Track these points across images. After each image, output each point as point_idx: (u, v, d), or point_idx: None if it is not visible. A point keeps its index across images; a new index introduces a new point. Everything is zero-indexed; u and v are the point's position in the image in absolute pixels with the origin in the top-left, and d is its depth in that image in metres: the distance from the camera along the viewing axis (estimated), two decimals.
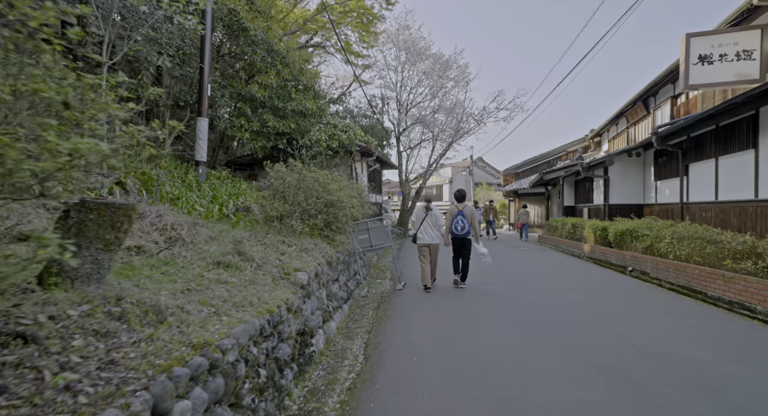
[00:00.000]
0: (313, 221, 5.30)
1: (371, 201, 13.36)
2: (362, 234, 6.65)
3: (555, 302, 5.50)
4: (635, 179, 11.03)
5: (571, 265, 9.40)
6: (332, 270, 5.02)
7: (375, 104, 16.30)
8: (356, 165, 11.42)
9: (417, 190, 18.37)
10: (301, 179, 5.49)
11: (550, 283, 6.92)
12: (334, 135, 9.72)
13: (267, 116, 9.55)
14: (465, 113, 16.91)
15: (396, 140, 17.84)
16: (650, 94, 14.80)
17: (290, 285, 3.65)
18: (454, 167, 42.24)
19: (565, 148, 23.84)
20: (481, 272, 8.02)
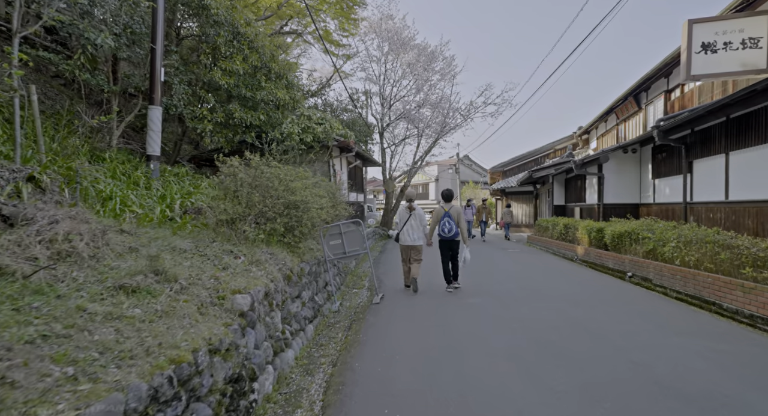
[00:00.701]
0: (272, 226, 4.43)
1: (351, 200, 12.50)
2: (334, 239, 5.79)
3: (553, 320, 4.74)
4: (631, 177, 10.43)
5: (565, 270, 8.71)
6: (292, 286, 4.16)
7: (357, 97, 15.42)
8: (334, 162, 10.56)
9: (401, 188, 17.57)
10: (257, 175, 4.61)
11: (545, 294, 6.18)
12: (309, 128, 8.83)
13: (233, 107, 8.59)
14: (451, 108, 16.16)
15: (379, 135, 17.00)
16: (642, 89, 14.29)
17: (224, 314, 2.78)
18: (441, 165, 41.63)
19: (553, 146, 23.36)
20: (469, 279, 7.26)
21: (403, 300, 5.92)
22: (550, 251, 12.06)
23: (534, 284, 6.84)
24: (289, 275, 4.08)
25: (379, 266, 9.34)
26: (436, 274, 7.29)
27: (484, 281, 7.25)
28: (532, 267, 8.96)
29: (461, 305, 5.52)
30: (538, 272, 8.22)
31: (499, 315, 4.97)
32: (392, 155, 18.35)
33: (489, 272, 8.10)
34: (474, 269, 8.41)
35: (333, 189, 7.17)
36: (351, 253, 5.83)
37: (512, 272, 8.23)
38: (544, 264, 9.45)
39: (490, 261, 9.80)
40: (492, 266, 9.10)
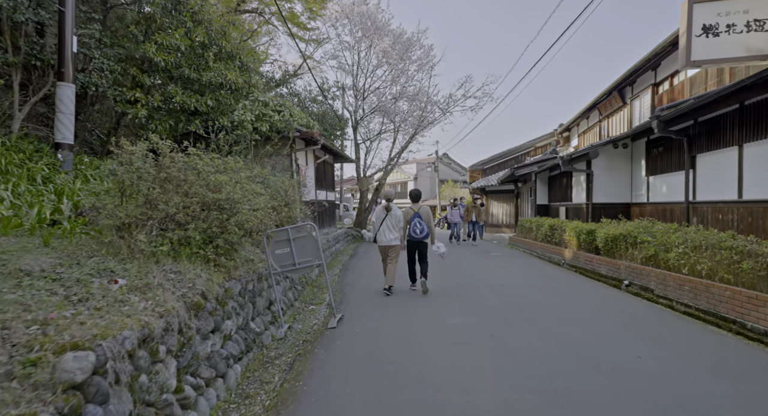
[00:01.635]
0: (182, 234, 3.26)
1: (319, 199, 11.33)
2: (281, 248, 4.65)
3: (553, 352, 3.74)
4: (622, 175, 9.67)
5: (554, 278, 7.81)
6: (204, 317, 3.01)
7: (327, 88, 14.22)
8: (298, 156, 9.39)
9: (377, 186, 16.50)
10: (165, 165, 3.42)
11: (537, 313, 5.19)
12: (264, 115, 7.63)
13: (173, 89, 7.32)
14: (429, 101, 15.17)
15: (352, 129, 15.86)
16: (627, 83, 13.65)
17: (31, 393, 1.62)
18: (419, 164, 40.80)
19: (533, 143, 22.74)
20: (451, 291, 6.23)
21: (368, 321, 4.83)
22: (534, 254, 11.22)
23: (524, 300, 5.85)
24: (199, 303, 2.92)
25: (347, 274, 8.23)
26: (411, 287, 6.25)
27: (467, 295, 6.23)
28: (518, 276, 8.02)
29: (442, 329, 4.47)
30: (526, 283, 7.27)
31: (488, 347, 3.93)
32: (367, 151, 17.25)
33: (471, 284, 7.10)
34: (455, 279, 7.42)
35: (286, 186, 6.02)
36: (303, 265, 4.70)
37: (497, 283, 7.25)
38: (531, 271, 8.53)
39: (472, 269, 8.83)
40: (474, 275, 8.12)
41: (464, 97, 15.30)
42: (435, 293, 6.18)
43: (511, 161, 23.34)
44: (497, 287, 6.68)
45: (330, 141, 13.55)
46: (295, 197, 5.90)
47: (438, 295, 6.09)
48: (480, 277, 7.66)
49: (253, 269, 4.38)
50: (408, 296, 6.10)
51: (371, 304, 5.63)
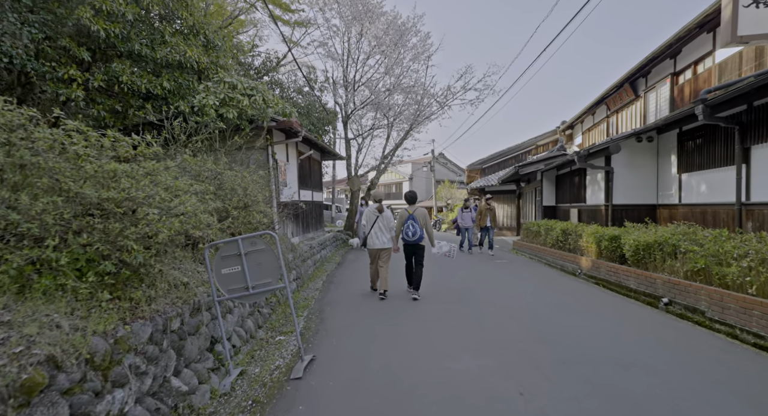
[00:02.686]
0: (34, 254, 2.01)
1: (303, 200, 10.07)
2: (229, 265, 3.39)
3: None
4: (646, 172, 8.51)
5: (575, 294, 6.61)
6: (49, 404, 1.75)
7: (314, 78, 12.95)
8: (276, 150, 8.15)
9: (369, 186, 15.28)
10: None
11: (572, 346, 3.97)
12: (231, 100, 6.37)
13: (119, 67, 6.05)
14: (426, 94, 13.97)
15: (343, 124, 14.62)
16: (641, 74, 12.56)
17: None
18: (414, 164, 39.64)
19: (534, 141, 21.66)
20: (454, 317, 4.99)
21: (349, 365, 3.58)
22: (543, 261, 10.04)
23: (549, 327, 4.61)
24: (32, 383, 1.67)
25: (330, 288, 6.97)
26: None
27: (478, 319, 5.01)
28: (533, 291, 6.81)
29: (449, 383, 3.23)
30: (544, 301, 6.06)
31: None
32: (359, 149, 16.02)
33: (481, 302, 5.88)
34: (460, 295, 6.20)
35: (245, 182, 4.75)
36: (259, 289, 3.44)
37: (511, 301, 6.03)
38: (546, 285, 7.33)
39: (479, 280, 7.61)
40: (482, 289, 6.90)
41: (464, 90, 14.12)
42: (438, 317, 4.96)
43: (511, 160, 22.23)
44: (512, 307, 5.46)
45: (318, 137, 12.30)
46: (256, 198, 4.63)
47: (442, 320, 4.86)
48: (490, 292, 6.44)
49: (185, 297, 3.12)
50: (404, 319, 4.87)
51: (356, 334, 4.39)
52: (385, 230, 6.02)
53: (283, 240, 6.67)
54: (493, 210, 11.19)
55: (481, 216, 11.00)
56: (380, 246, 5.99)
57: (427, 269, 6.35)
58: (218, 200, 4.03)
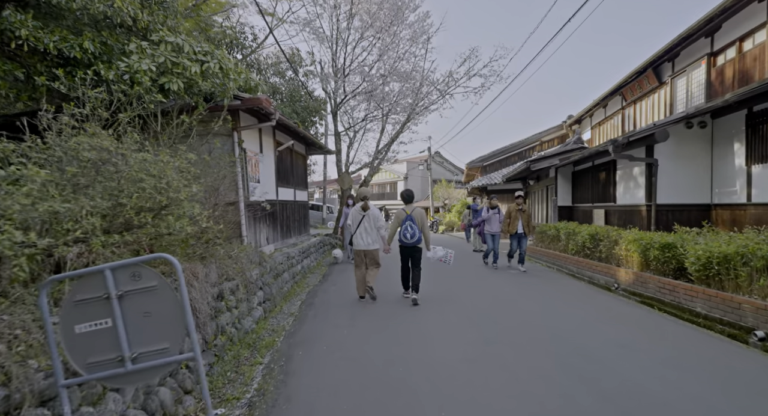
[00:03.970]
0: None
1: (282, 199, 8.49)
2: (89, 319, 1.80)
3: None
4: (698, 165, 7.04)
5: (629, 322, 5.06)
6: None
7: (298, 60, 11.31)
8: (245, 137, 6.56)
9: (361, 184, 13.73)
10: None
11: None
12: (176, 66, 4.77)
13: (14, 17, 4.43)
14: (425, 81, 12.43)
15: (332, 116, 13.04)
16: (667, 58, 11.13)
17: None
18: (410, 162, 38.15)
19: (539, 137, 20.27)
20: (485, 372, 3.41)
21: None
22: (564, 270, 8.54)
23: (636, 401, 3.09)
24: None
25: (307, 317, 5.35)
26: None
27: (516, 376, 3.46)
28: (576, 320, 5.27)
29: None
30: (599, 338, 4.53)
31: None
32: (350, 143, 14.44)
33: (514, 344, 4.34)
34: (480, 323, 4.65)
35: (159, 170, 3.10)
36: (146, 362, 1.86)
37: (552, 334, 4.49)
38: (585, 309, 5.80)
39: (496, 299, 6.07)
40: (504, 313, 5.36)
41: (468, 76, 12.58)
42: (461, 374, 3.40)
43: (514, 157, 20.82)
44: (558, 351, 3.90)
45: (298, 124, 10.72)
46: (178, 196, 3.02)
47: (466, 378, 3.30)
48: (516, 319, 4.89)
49: None
50: (408, 373, 3.31)
51: (336, 406, 2.82)
52: (371, 229, 5.75)
53: (245, 251, 5.09)
54: (526, 213, 8.38)
55: (510, 220, 8.41)
56: (365, 247, 5.73)
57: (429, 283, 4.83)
58: (106, 197, 2.44)
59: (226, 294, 3.89)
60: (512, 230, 8.35)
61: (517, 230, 8.31)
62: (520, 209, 8.37)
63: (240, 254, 4.70)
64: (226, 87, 5.43)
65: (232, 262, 4.41)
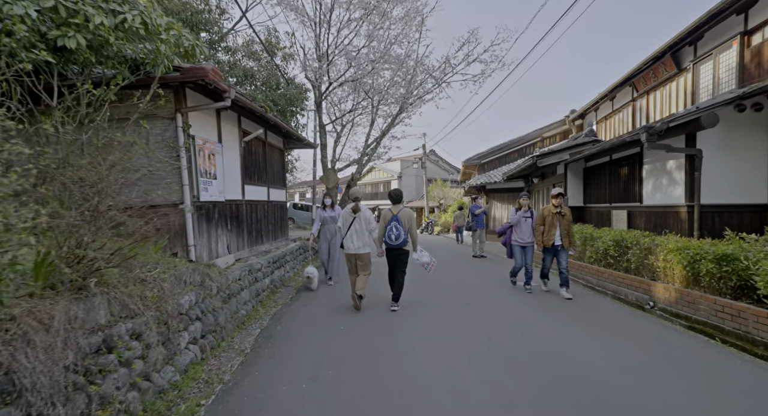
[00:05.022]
0: None
1: (249, 199, 7.19)
2: None
3: None
4: (752, 157, 5.82)
5: (694, 364, 3.82)
6: None
7: (273, 40, 9.94)
8: (195, 121, 5.24)
9: (348, 182, 12.43)
10: None
11: None
12: (74, 15, 3.45)
13: None
14: (420, 66, 11.15)
15: (316, 106, 11.71)
16: (687, 42, 9.94)
17: None
18: (404, 161, 36.90)
19: (540, 133, 19.08)
20: None
21: None
22: (580, 281, 7.31)
23: None
24: None
25: (256, 363, 4.04)
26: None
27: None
28: (605, 352, 4.01)
29: None
30: (648, 389, 3.26)
31: None
32: (337, 138, 13.13)
33: (516, 367, 3.06)
34: (500, 368, 3.37)
35: None
36: None
37: (574, 376, 3.23)
38: (619, 336, 4.54)
39: (516, 327, 4.80)
40: (528, 349, 4.08)
41: (466, 62, 11.32)
42: None
43: (514, 154, 19.61)
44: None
45: (282, 120, 9.40)
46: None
47: None
48: (545, 362, 3.62)
49: None
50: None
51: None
52: (362, 232, 5.48)
53: (175, 268, 3.76)
54: (567, 217, 6.10)
55: (546, 227, 6.12)
56: (356, 251, 5.46)
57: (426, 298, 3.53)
58: None
59: (118, 342, 2.57)
60: (548, 241, 6.12)
61: (554, 241, 6.09)
62: (559, 212, 6.06)
63: (163, 276, 3.39)
64: (157, 51, 4.11)
65: (146, 288, 3.09)
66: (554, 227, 6.10)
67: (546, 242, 6.18)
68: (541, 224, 6.25)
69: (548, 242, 6.14)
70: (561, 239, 6.09)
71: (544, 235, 6.20)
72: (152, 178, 5.01)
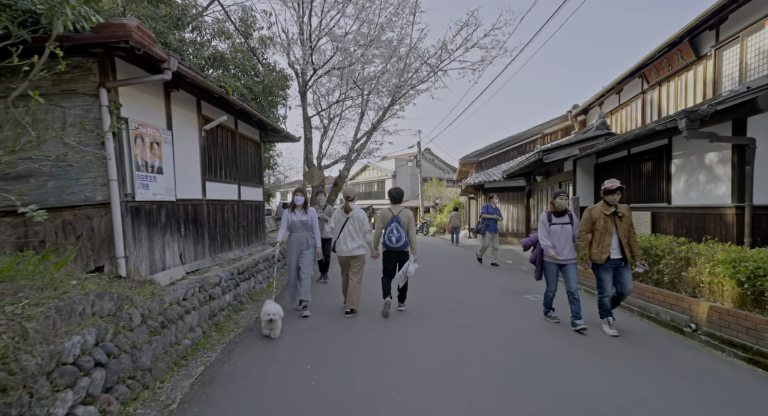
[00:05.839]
0: None
1: (217, 199, 6.11)
2: None
3: None
4: None
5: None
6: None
7: (249, 18, 8.83)
8: (134, 102, 4.18)
9: (335, 180, 11.37)
10: None
11: None
12: None
13: None
14: (413, 53, 10.10)
15: (300, 96, 10.64)
16: (708, 25, 9.03)
17: None
18: (398, 159, 35.88)
19: (541, 129, 18.13)
20: None
21: None
22: (595, 293, 6.32)
23: None
24: None
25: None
26: None
27: None
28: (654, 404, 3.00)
29: None
30: None
31: None
32: (324, 132, 12.05)
33: None
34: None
35: None
36: None
37: None
38: (663, 379, 3.54)
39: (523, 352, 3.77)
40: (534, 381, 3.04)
41: (465, 48, 10.29)
42: None
43: (513, 151, 18.64)
44: None
45: (260, 110, 8.32)
46: None
47: None
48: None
49: None
50: None
51: None
52: (356, 233, 5.19)
53: (66, 295, 2.69)
54: (627, 218, 4.41)
55: (599, 235, 4.39)
56: (349, 253, 5.18)
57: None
58: None
59: None
60: (601, 254, 4.32)
61: (610, 254, 4.31)
62: (615, 212, 4.35)
63: (32, 311, 2.31)
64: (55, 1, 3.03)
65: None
66: (609, 233, 4.33)
67: (597, 257, 4.37)
68: (589, 230, 4.48)
69: (601, 255, 4.33)
70: (621, 251, 4.32)
71: (593, 246, 4.45)
72: (71, 171, 3.94)
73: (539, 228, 4.83)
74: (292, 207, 5.33)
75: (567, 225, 4.69)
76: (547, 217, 4.78)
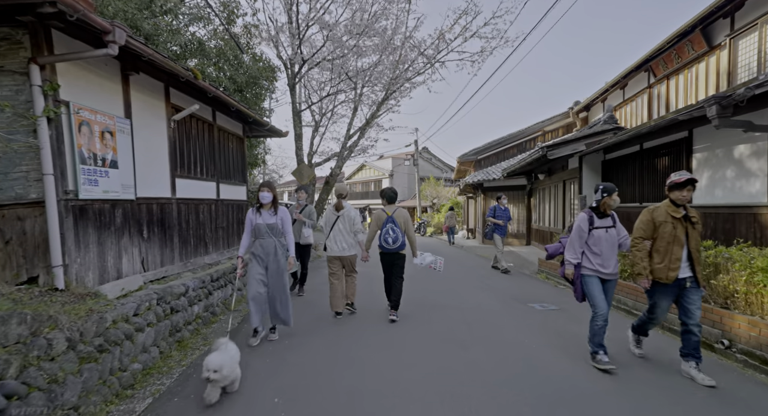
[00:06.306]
0: None
1: (183, 197, 5.47)
2: None
3: None
4: None
5: None
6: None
7: (232, 6, 8.20)
8: (83, 83, 3.59)
9: (326, 178, 10.76)
10: None
11: None
12: None
13: None
14: (408, 42, 9.51)
15: (290, 90, 10.03)
16: (723, 13, 8.47)
17: None
18: (395, 159, 35.32)
19: (542, 126, 17.59)
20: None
21: None
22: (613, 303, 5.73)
23: None
24: None
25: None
26: None
27: None
28: None
29: None
30: None
31: None
32: (316, 127, 11.43)
33: None
34: None
35: None
36: None
37: None
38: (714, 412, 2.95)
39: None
40: None
41: (463, 37, 9.70)
42: None
43: (513, 149, 18.09)
44: None
45: (254, 107, 7.70)
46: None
47: None
48: None
49: None
50: None
51: None
52: (347, 232, 4.96)
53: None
54: (699, 227, 3.41)
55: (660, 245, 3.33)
56: (340, 253, 4.93)
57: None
58: None
59: None
60: (668, 272, 3.29)
61: (680, 273, 3.29)
62: (686, 215, 3.33)
63: None
64: None
65: None
66: (679, 244, 3.27)
67: (663, 274, 3.30)
68: (649, 237, 3.41)
69: (669, 272, 3.28)
70: (691, 267, 3.32)
71: (654, 259, 3.37)
72: None
73: (573, 233, 3.64)
74: (258, 207, 4.15)
75: (612, 229, 3.60)
76: (589, 219, 3.58)
